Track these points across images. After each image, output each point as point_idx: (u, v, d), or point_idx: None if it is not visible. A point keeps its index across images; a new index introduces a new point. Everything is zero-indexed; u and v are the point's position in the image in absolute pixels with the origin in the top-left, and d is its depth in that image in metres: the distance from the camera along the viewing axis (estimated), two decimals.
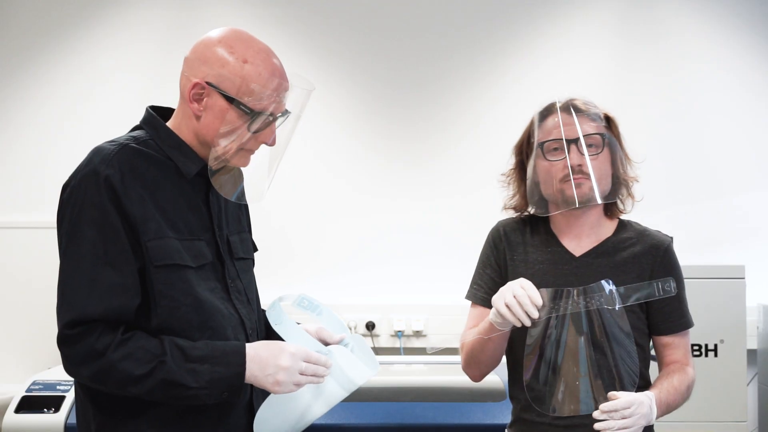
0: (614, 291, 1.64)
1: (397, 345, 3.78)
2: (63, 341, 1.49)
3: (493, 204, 3.85)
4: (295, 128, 1.64)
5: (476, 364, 1.90)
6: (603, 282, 1.65)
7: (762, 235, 3.87)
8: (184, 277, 1.53)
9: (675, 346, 1.84)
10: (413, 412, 2.59)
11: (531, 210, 1.88)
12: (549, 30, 3.97)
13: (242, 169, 1.65)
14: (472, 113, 3.95)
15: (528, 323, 1.64)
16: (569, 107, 1.81)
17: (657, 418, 1.71)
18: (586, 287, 1.65)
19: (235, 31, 1.59)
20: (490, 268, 1.93)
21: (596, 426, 1.60)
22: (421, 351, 3.77)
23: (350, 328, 3.77)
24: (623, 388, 1.65)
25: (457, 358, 3.29)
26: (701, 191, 3.85)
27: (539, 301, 1.63)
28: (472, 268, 3.79)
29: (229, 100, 1.53)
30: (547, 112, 1.83)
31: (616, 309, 1.65)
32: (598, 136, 1.79)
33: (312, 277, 3.84)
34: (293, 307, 1.67)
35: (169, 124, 1.64)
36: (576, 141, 1.76)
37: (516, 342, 1.82)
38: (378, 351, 3.79)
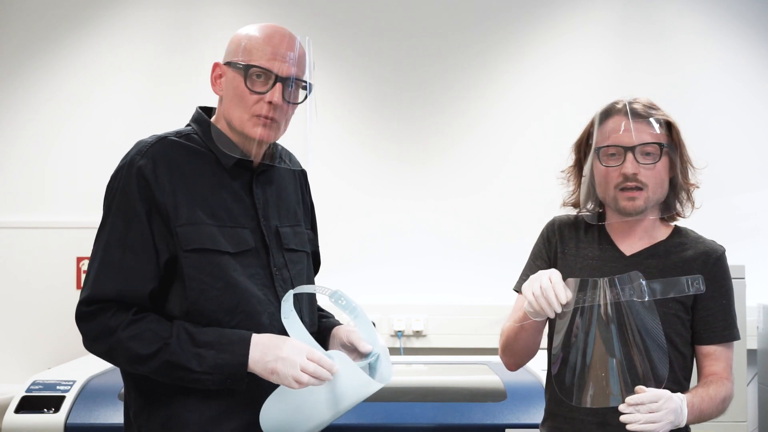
0: (643, 284, 1.62)
1: (397, 345, 3.78)
2: (80, 318, 1.57)
3: (493, 204, 3.89)
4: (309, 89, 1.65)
5: (510, 352, 1.88)
6: (632, 273, 1.63)
7: (762, 235, 3.88)
8: (216, 261, 1.57)
9: (716, 357, 1.79)
10: (413, 412, 2.59)
11: (584, 208, 1.86)
12: (549, 30, 3.97)
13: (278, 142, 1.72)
14: (473, 114, 3.95)
15: (551, 315, 1.63)
16: (629, 112, 1.78)
17: (689, 423, 1.68)
18: (614, 277, 1.63)
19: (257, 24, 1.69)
20: (540, 260, 1.92)
21: (622, 419, 1.57)
22: (421, 351, 3.78)
23: None
24: (651, 382, 1.62)
25: (457, 358, 3.31)
26: (701, 191, 3.84)
27: (563, 299, 1.61)
28: (473, 268, 3.85)
29: (227, 64, 1.63)
30: (607, 114, 1.81)
31: (645, 301, 1.62)
32: (655, 145, 1.77)
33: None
34: (329, 301, 1.64)
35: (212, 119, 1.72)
36: (633, 149, 1.75)
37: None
38: None
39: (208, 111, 1.74)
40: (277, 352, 1.52)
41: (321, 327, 1.79)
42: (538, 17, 3.97)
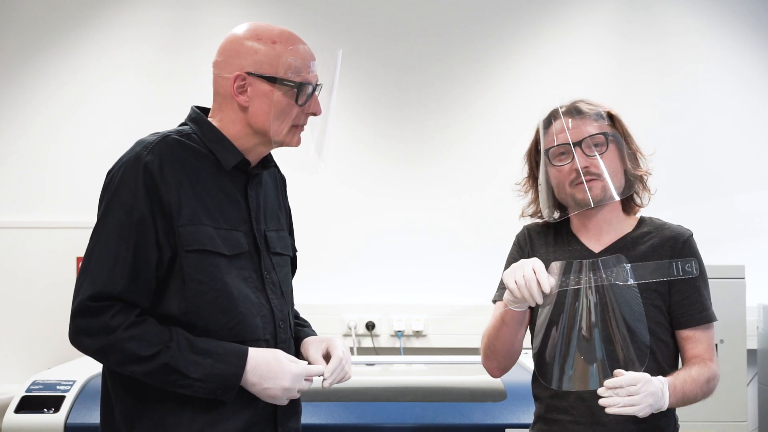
0: (627, 267, 1.63)
1: (397, 345, 3.78)
2: (82, 312, 1.54)
3: (492, 204, 3.89)
4: (332, 93, 1.73)
5: (494, 354, 1.90)
6: (616, 257, 1.65)
7: (762, 235, 3.87)
8: (214, 263, 1.59)
9: (696, 340, 1.81)
10: (413, 412, 2.59)
11: (546, 216, 1.88)
12: (549, 30, 3.97)
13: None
14: (472, 114, 3.95)
15: (533, 304, 1.66)
16: (570, 110, 1.84)
17: (672, 406, 1.69)
18: (598, 260, 1.64)
19: (254, 23, 1.72)
20: None
21: (601, 402, 1.59)
22: (421, 351, 3.78)
23: (350, 328, 3.78)
24: (631, 366, 1.64)
25: (457, 358, 3.31)
26: (701, 191, 3.85)
27: (547, 288, 1.63)
28: (472, 268, 3.85)
29: (272, 80, 1.62)
30: (549, 118, 1.86)
31: (628, 284, 1.63)
32: (600, 135, 1.81)
33: (312, 277, 3.84)
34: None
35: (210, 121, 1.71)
36: (579, 144, 1.79)
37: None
38: (378, 351, 3.80)
39: (202, 111, 1.73)
40: (280, 382, 1.59)
41: (296, 335, 1.81)
42: (538, 17, 3.97)
